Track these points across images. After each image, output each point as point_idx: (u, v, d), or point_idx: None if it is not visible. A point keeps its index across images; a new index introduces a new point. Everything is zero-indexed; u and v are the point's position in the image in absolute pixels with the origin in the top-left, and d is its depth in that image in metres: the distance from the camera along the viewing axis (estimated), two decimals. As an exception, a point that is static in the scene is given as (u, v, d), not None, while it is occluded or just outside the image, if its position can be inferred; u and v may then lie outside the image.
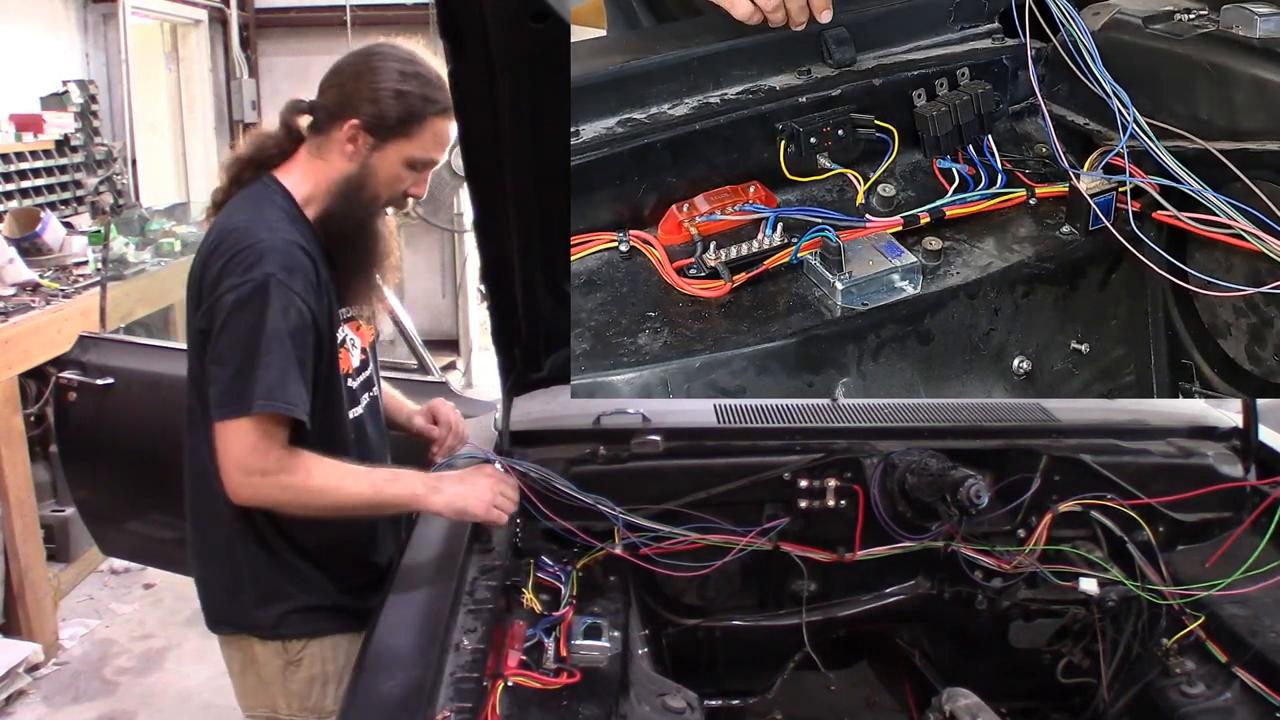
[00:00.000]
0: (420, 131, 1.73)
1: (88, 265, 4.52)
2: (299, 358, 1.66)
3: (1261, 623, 1.72)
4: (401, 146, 1.73)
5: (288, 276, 1.65)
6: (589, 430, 2.03)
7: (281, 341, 1.63)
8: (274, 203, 1.75)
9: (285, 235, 1.69)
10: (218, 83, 7.32)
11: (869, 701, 2.30)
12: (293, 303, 1.65)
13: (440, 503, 1.71)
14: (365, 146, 1.73)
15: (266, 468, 1.64)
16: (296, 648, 1.84)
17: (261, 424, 1.63)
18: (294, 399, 1.64)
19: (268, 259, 1.64)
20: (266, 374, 1.61)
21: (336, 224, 1.76)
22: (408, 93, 1.72)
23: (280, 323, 1.63)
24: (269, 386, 1.61)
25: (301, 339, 1.67)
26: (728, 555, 1.89)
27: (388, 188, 1.77)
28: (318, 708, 1.86)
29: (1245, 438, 2.09)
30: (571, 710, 1.43)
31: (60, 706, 3.43)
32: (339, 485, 1.69)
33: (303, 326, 1.67)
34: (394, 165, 1.74)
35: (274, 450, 1.65)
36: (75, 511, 3.49)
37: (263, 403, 1.61)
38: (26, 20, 5.63)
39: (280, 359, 1.63)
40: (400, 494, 1.72)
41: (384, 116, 1.72)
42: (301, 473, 1.66)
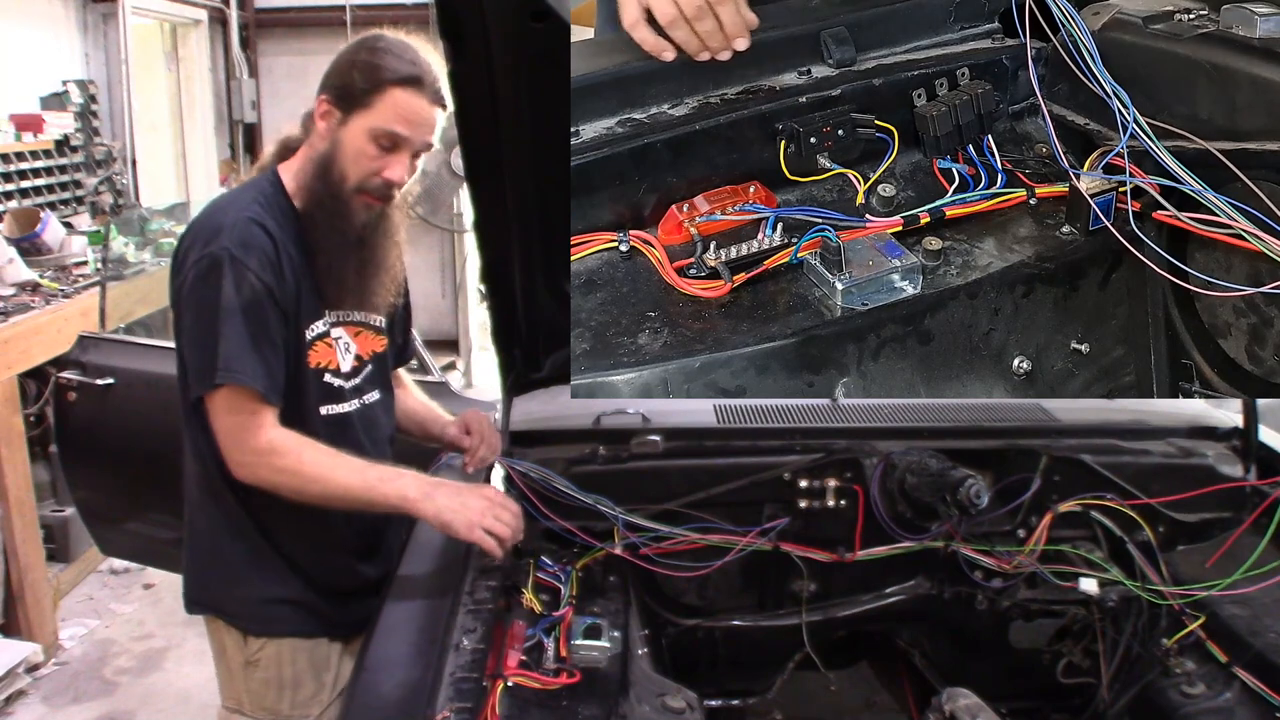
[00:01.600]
0: (379, 101, 1.69)
1: (88, 265, 4.52)
2: (252, 331, 1.65)
3: (1261, 623, 1.73)
4: (363, 118, 1.70)
5: (242, 252, 1.65)
6: (589, 430, 2.03)
7: (234, 316, 1.64)
8: (258, 187, 1.77)
9: (248, 214, 1.70)
10: (218, 83, 7.32)
11: (869, 701, 2.30)
12: (245, 278, 1.65)
13: (430, 510, 1.67)
14: (334, 122, 1.72)
15: (257, 448, 1.66)
16: (255, 646, 1.84)
17: (233, 400, 1.65)
18: (250, 372, 1.64)
19: (224, 234, 1.66)
20: (224, 348, 1.63)
21: (309, 204, 1.75)
22: (367, 62, 1.70)
23: (233, 296, 1.64)
24: (226, 360, 1.63)
25: (257, 313, 1.66)
26: (728, 555, 1.89)
27: (354, 163, 1.72)
28: (274, 710, 1.87)
29: (1245, 438, 2.09)
30: (571, 710, 1.43)
31: (60, 707, 3.43)
32: (330, 474, 1.68)
33: (256, 301, 1.66)
34: (357, 138, 1.71)
35: (263, 430, 1.66)
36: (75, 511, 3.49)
37: (224, 374, 1.63)
38: (26, 20, 5.63)
39: (234, 332, 1.64)
40: (390, 494, 1.69)
41: (346, 88, 1.71)
42: (294, 457, 1.67)
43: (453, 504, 1.67)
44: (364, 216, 1.77)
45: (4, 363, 3.55)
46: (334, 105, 1.72)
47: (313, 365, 1.79)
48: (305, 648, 1.86)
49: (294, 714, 1.87)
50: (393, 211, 1.82)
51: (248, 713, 1.89)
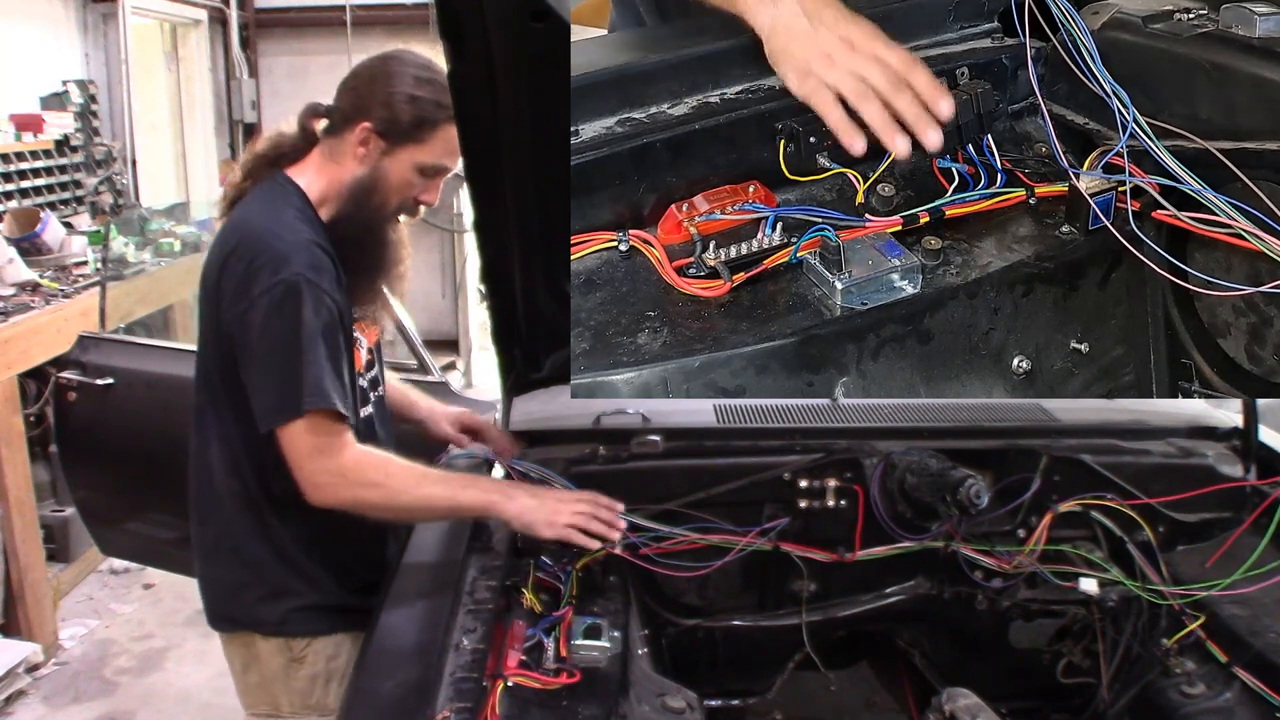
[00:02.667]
0: (432, 138, 1.71)
1: (88, 265, 4.52)
2: (331, 355, 1.66)
3: (1261, 623, 1.73)
4: (413, 152, 1.72)
5: (316, 275, 1.65)
6: (589, 430, 2.03)
7: (316, 340, 1.63)
8: (290, 202, 1.75)
9: (305, 235, 1.69)
10: (218, 83, 7.32)
11: (869, 701, 2.30)
12: (323, 301, 1.65)
13: (513, 511, 1.70)
14: (376, 150, 1.73)
15: (343, 468, 1.65)
16: (300, 645, 1.84)
17: (316, 424, 1.63)
18: (336, 394, 1.64)
19: (294, 259, 1.64)
20: (309, 372, 1.62)
21: (346, 227, 1.76)
22: (421, 98, 1.70)
23: (314, 321, 1.63)
24: (314, 386, 1.62)
25: (333, 336, 1.67)
26: (728, 555, 1.89)
27: (398, 193, 1.75)
28: (320, 705, 1.86)
29: (1245, 438, 2.09)
30: (571, 710, 1.43)
31: (60, 707, 3.43)
32: (417, 487, 1.70)
33: (333, 324, 1.67)
34: (405, 170, 1.73)
35: (345, 451, 1.66)
36: (75, 511, 3.49)
37: (311, 400, 1.62)
38: (26, 20, 5.63)
39: (318, 357, 1.63)
40: (477, 500, 1.72)
41: (396, 121, 1.71)
42: (380, 472, 1.68)
43: (530, 504, 1.70)
44: (394, 235, 1.82)
45: (4, 363, 3.55)
46: (381, 137, 1.72)
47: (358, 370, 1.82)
48: (347, 640, 1.86)
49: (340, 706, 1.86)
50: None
51: (286, 714, 1.87)
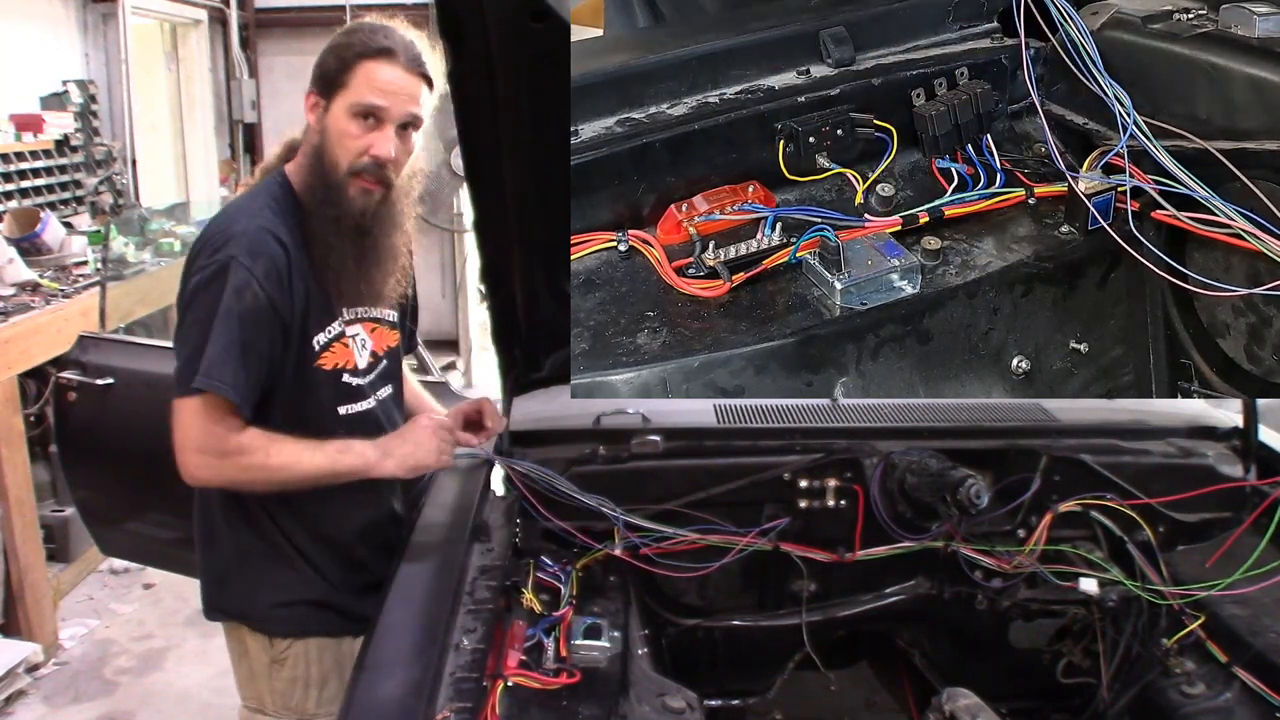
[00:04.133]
0: (353, 77, 1.70)
1: (88, 265, 4.52)
2: (244, 339, 1.66)
3: (1261, 623, 1.72)
4: (342, 98, 1.71)
5: (250, 260, 1.66)
6: (589, 430, 2.03)
7: (229, 321, 1.64)
8: (268, 192, 1.77)
9: (261, 222, 1.70)
10: (218, 83, 7.31)
11: (869, 701, 2.30)
12: (249, 285, 1.65)
13: (393, 465, 1.75)
14: (320, 111, 1.73)
15: (225, 449, 1.67)
16: (282, 646, 1.85)
17: (209, 403, 1.65)
18: (229, 380, 1.64)
19: (234, 242, 1.67)
20: (210, 352, 1.64)
21: (308, 199, 1.75)
22: (338, 44, 1.72)
23: (233, 303, 1.64)
24: (208, 365, 1.63)
25: (252, 322, 1.66)
26: (728, 555, 1.89)
27: (340, 146, 1.71)
28: (300, 709, 1.87)
29: (1245, 438, 2.09)
30: (571, 710, 1.43)
31: (60, 706, 3.43)
32: (296, 460, 1.71)
33: (255, 309, 1.66)
34: (339, 119, 1.71)
35: (232, 432, 1.67)
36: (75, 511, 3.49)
37: (201, 380, 1.63)
38: (26, 20, 5.63)
39: (224, 339, 1.64)
40: (354, 463, 1.74)
41: (324, 74, 1.72)
42: (260, 453, 1.69)
43: (408, 448, 1.76)
44: (362, 202, 1.74)
45: (4, 363, 3.55)
46: (318, 95, 1.74)
47: (329, 368, 1.79)
48: (330, 645, 1.87)
49: (319, 712, 1.87)
50: (397, 199, 1.79)
51: (270, 712, 1.89)
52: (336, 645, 1.87)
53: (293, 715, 1.87)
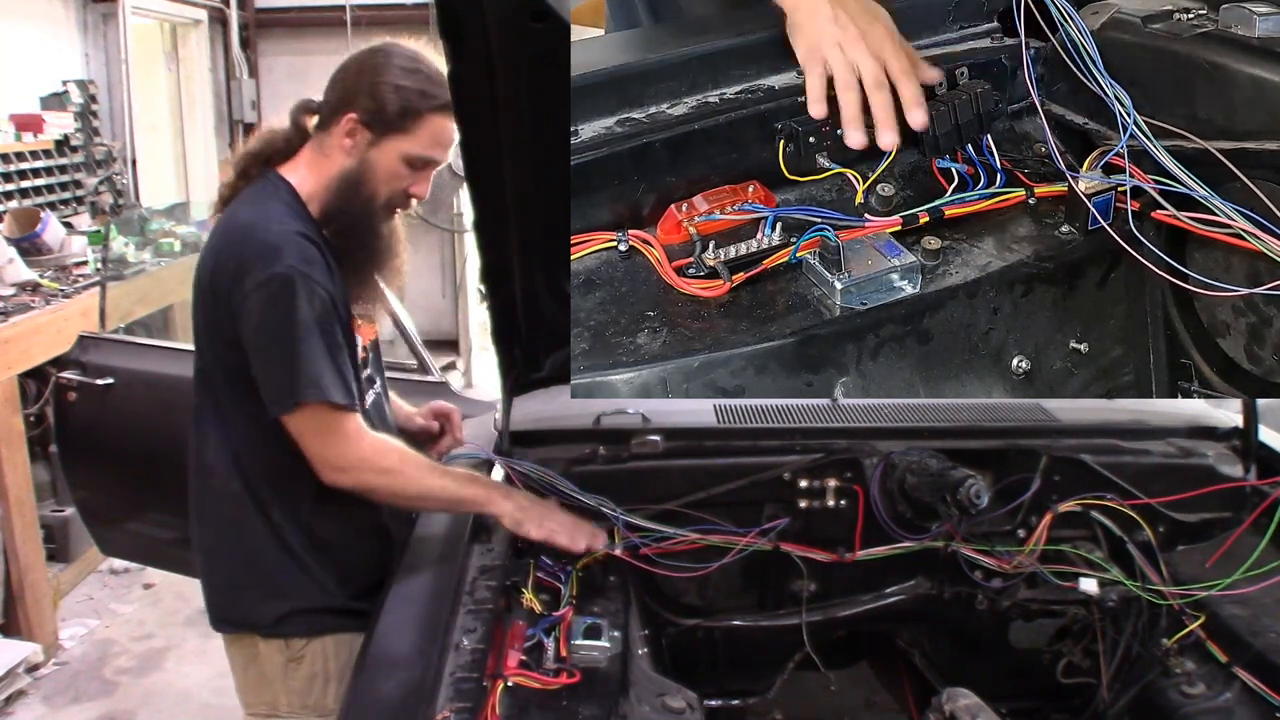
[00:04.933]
0: (418, 128, 1.72)
1: (88, 265, 4.52)
2: (328, 345, 1.68)
3: (1261, 623, 1.73)
4: (399, 142, 1.73)
5: (307, 267, 1.67)
6: (589, 430, 2.03)
7: (313, 332, 1.66)
8: (279, 197, 1.76)
9: (293, 227, 1.70)
10: (218, 83, 7.32)
11: (869, 701, 2.30)
12: (315, 292, 1.67)
13: (508, 508, 1.76)
14: (363, 141, 1.74)
15: (361, 455, 1.70)
16: (299, 645, 1.84)
17: (316, 414, 1.66)
18: (335, 387, 1.67)
19: (285, 252, 1.66)
20: (304, 366, 1.65)
21: (336, 221, 1.77)
22: (405, 88, 1.72)
23: (308, 312, 1.65)
24: (309, 378, 1.65)
25: (329, 326, 1.69)
26: (728, 555, 1.89)
27: (386, 185, 1.76)
28: (318, 705, 1.87)
29: (1245, 438, 2.09)
30: (571, 710, 1.43)
31: (60, 706, 3.43)
32: (427, 478, 1.75)
33: (327, 314, 1.69)
34: (392, 161, 1.74)
35: (363, 438, 1.70)
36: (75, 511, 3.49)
37: (307, 392, 1.65)
38: (26, 20, 5.63)
39: (315, 349, 1.66)
40: (478, 495, 1.77)
41: (381, 111, 1.72)
42: (394, 458, 1.73)
43: (526, 504, 1.78)
44: (388, 229, 1.82)
45: (4, 363, 3.55)
46: (368, 129, 1.73)
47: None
48: (346, 641, 1.86)
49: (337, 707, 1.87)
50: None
51: (284, 714, 1.88)
52: (352, 640, 1.86)
53: (311, 713, 1.87)
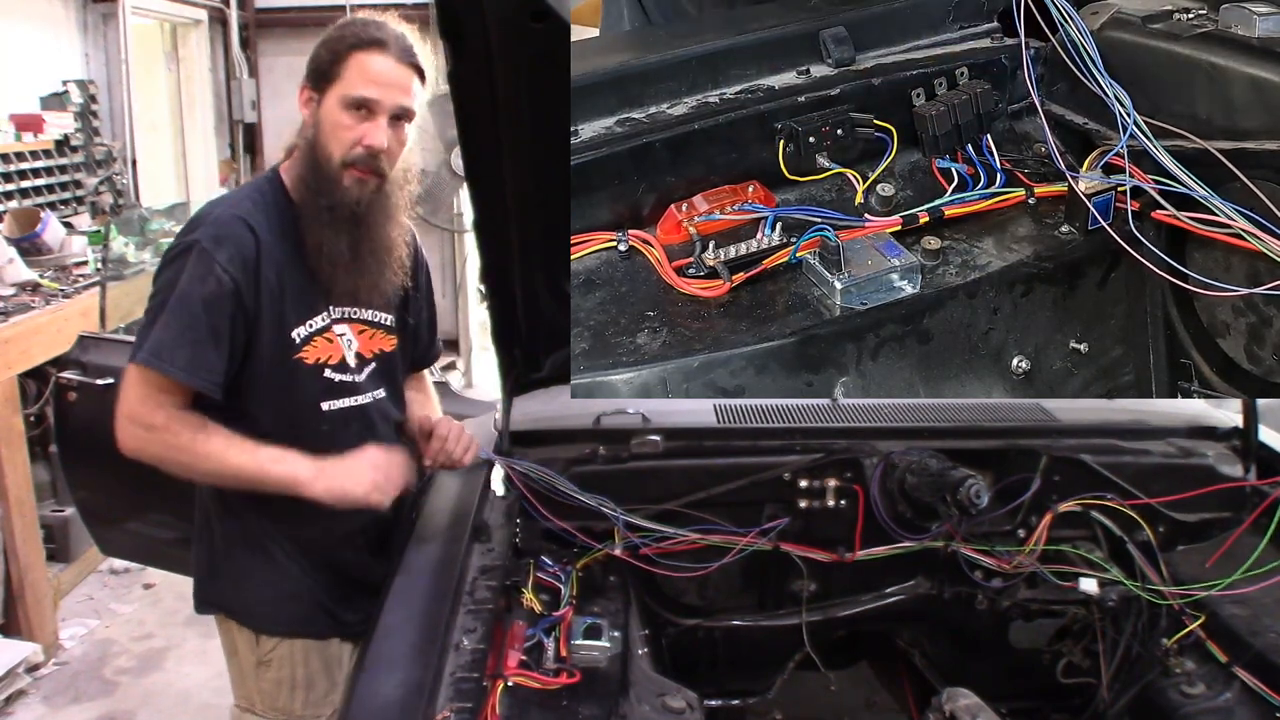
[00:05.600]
0: (345, 69, 1.71)
1: (88, 265, 4.52)
2: (211, 324, 1.67)
3: (1261, 623, 1.73)
4: (334, 90, 1.72)
5: (213, 245, 1.68)
6: (589, 430, 2.03)
7: (188, 305, 1.66)
8: (255, 185, 1.82)
9: (236, 211, 1.73)
10: (218, 83, 7.31)
11: (869, 701, 2.30)
12: (211, 270, 1.67)
13: (320, 489, 1.72)
14: (313, 105, 1.75)
15: (154, 423, 1.69)
16: (268, 646, 1.85)
17: (149, 378, 1.67)
18: (180, 362, 1.66)
19: (202, 227, 1.71)
20: (162, 332, 1.66)
21: (302, 192, 1.77)
22: (331, 37, 1.74)
23: (193, 287, 1.67)
24: (158, 344, 1.66)
25: (217, 307, 1.68)
26: (728, 555, 1.89)
27: (333, 137, 1.73)
28: (286, 710, 1.88)
29: (1245, 438, 2.09)
30: (571, 710, 1.43)
31: (60, 706, 3.43)
32: (222, 454, 1.71)
33: (220, 295, 1.68)
34: (332, 111, 1.73)
35: (164, 408, 1.69)
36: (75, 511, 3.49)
37: (145, 357, 1.66)
38: (26, 20, 5.63)
39: (178, 321, 1.66)
40: (283, 475, 1.72)
41: (317, 68, 1.74)
42: (188, 435, 1.69)
43: (339, 474, 1.73)
44: (356, 192, 1.75)
45: (4, 363, 3.55)
46: (311, 89, 1.76)
47: (311, 362, 1.79)
48: (317, 648, 1.87)
49: (306, 714, 1.87)
50: (391, 191, 1.80)
51: (259, 712, 1.89)
52: (323, 647, 1.87)
53: (280, 715, 1.88)
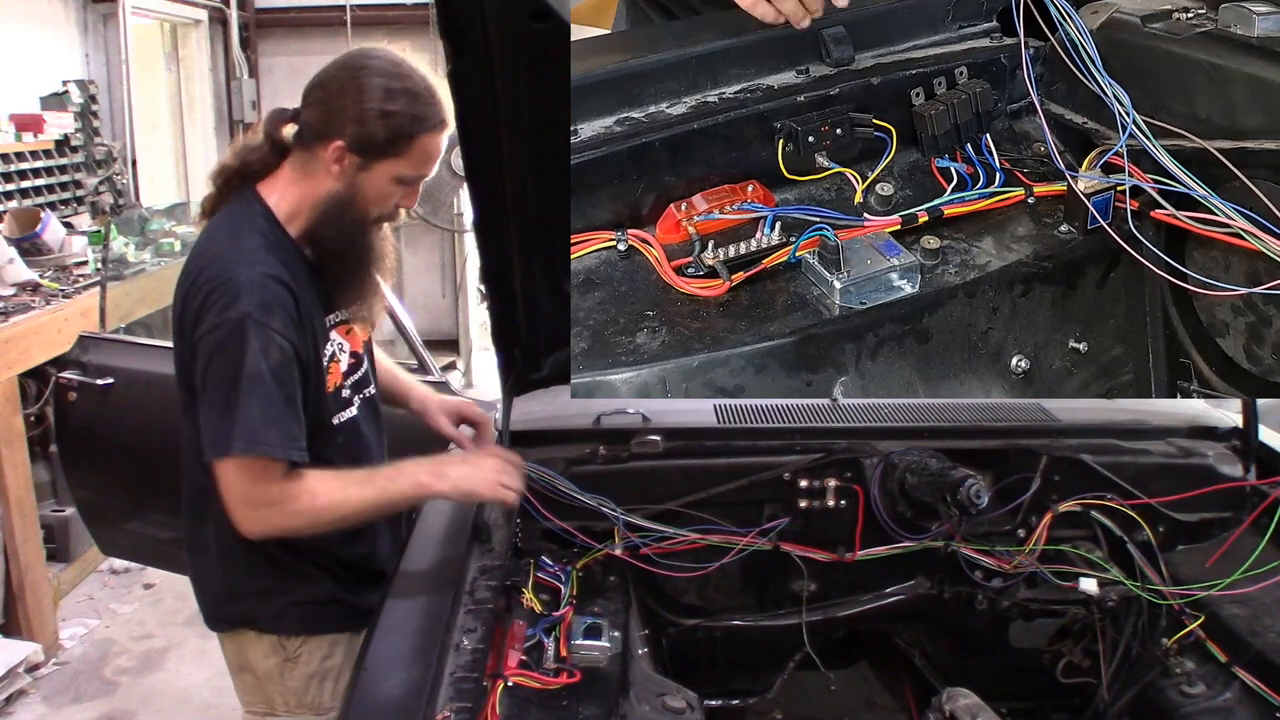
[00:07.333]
0: (409, 150, 1.67)
1: (88, 265, 4.52)
2: (286, 394, 1.64)
3: (1261, 623, 1.73)
4: (390, 166, 1.68)
5: (264, 314, 1.62)
6: (589, 430, 2.03)
7: (261, 382, 1.61)
8: (254, 226, 1.71)
9: (262, 269, 1.65)
10: (218, 83, 7.32)
11: (869, 701, 2.30)
12: (272, 340, 1.62)
13: (446, 487, 1.72)
14: (352, 167, 1.68)
15: (269, 500, 1.64)
16: (295, 644, 1.84)
17: (247, 465, 1.62)
18: (275, 440, 1.62)
19: (244, 297, 1.61)
20: (245, 416, 1.60)
21: (324, 241, 1.74)
22: (394, 112, 1.65)
23: (260, 363, 1.61)
24: (248, 430, 1.60)
25: (286, 375, 1.64)
26: (728, 555, 1.89)
27: (376, 205, 1.73)
28: (315, 704, 1.87)
29: (1245, 438, 2.09)
30: (571, 710, 1.43)
31: (60, 706, 3.43)
32: (344, 497, 1.69)
33: (285, 363, 1.64)
34: (382, 184, 1.70)
35: (272, 484, 1.64)
36: (75, 511, 3.49)
37: (241, 445, 1.60)
38: (26, 20, 5.63)
39: (259, 401, 1.61)
40: (406, 488, 1.72)
41: (370, 138, 1.66)
42: (306, 496, 1.66)
43: (466, 471, 1.74)
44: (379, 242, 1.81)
45: (4, 363, 3.55)
46: (356, 155, 1.68)
47: (330, 387, 1.80)
48: (343, 640, 1.86)
49: (334, 705, 1.86)
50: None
51: (280, 713, 1.88)
52: (349, 639, 1.86)
53: (307, 711, 1.87)
